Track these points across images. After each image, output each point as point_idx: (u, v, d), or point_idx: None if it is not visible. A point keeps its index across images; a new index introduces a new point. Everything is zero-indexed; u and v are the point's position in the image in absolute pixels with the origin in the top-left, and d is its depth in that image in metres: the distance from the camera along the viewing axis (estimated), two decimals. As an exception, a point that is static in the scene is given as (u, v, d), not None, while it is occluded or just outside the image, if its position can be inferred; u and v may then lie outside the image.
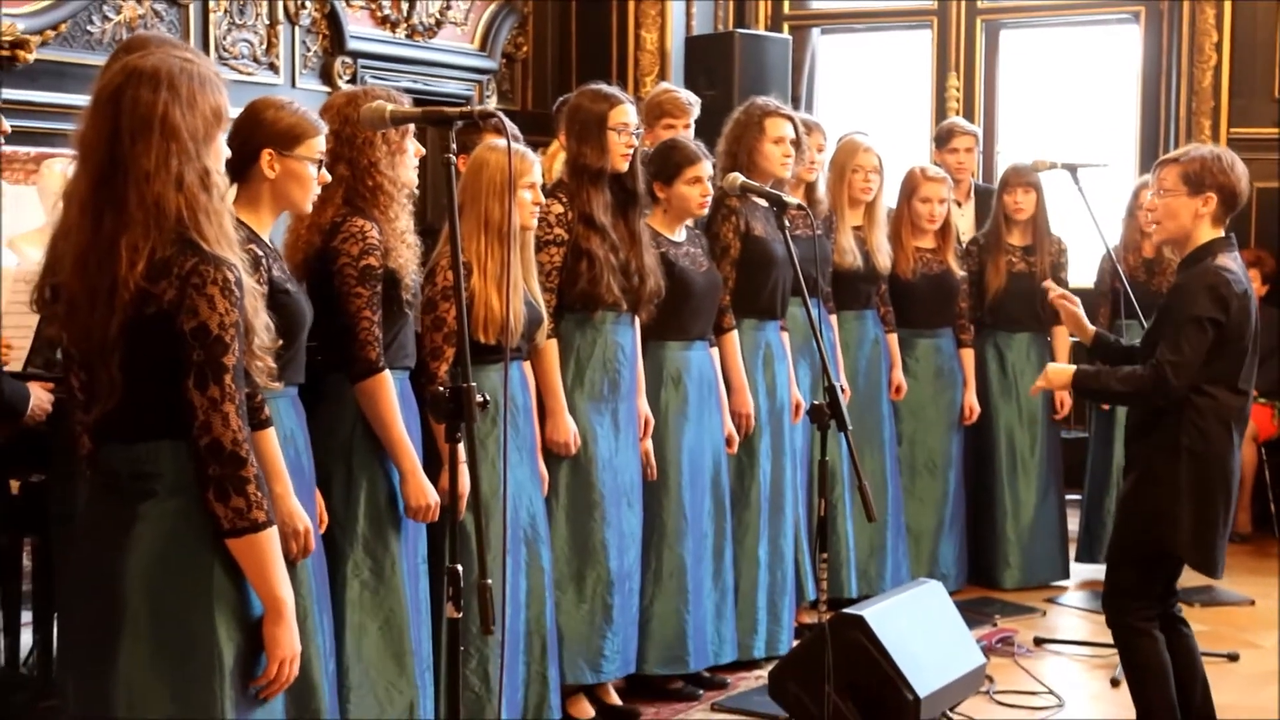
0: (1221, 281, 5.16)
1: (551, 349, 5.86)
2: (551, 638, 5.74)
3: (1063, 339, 8.50)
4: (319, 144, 4.36)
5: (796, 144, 6.88)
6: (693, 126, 7.07)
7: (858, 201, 7.68)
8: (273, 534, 3.38)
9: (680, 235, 6.46)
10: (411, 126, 4.79)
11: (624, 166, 6.07)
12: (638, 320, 6.21)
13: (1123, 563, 5.45)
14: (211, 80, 3.45)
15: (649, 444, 6.27)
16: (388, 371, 4.79)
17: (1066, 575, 8.53)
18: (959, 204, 8.66)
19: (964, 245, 8.39)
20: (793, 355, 7.17)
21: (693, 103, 7.22)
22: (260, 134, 4.26)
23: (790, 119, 6.90)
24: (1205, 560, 5.38)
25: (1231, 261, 5.26)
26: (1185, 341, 5.13)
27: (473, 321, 5.28)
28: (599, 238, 5.98)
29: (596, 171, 6.04)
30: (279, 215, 4.42)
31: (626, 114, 6.07)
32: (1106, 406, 8.47)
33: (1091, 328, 5.80)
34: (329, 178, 4.49)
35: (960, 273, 8.18)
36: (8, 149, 6.99)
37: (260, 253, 4.17)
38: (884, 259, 7.77)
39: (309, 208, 4.43)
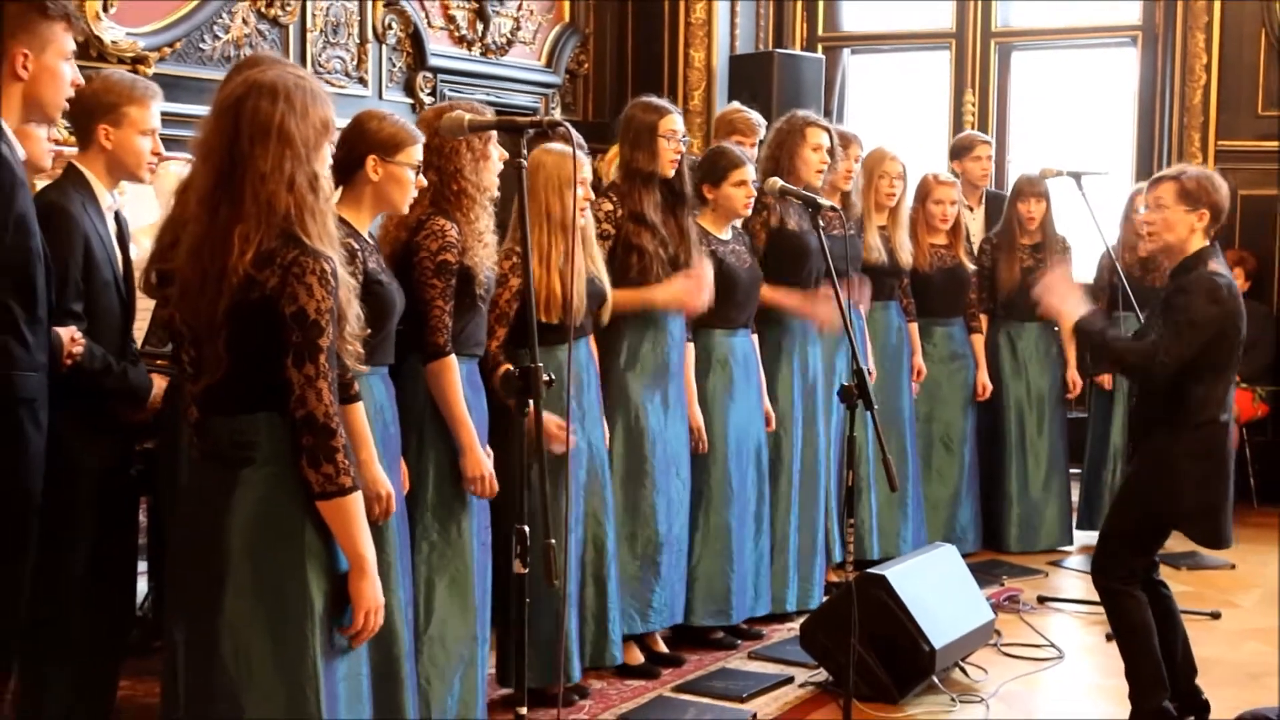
0: (1216, 286, 5.16)
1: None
2: (614, 592, 5.78)
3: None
4: (417, 152, 4.41)
5: (831, 153, 6.86)
6: (758, 146, 7.06)
7: (883, 205, 7.69)
8: (358, 498, 3.40)
9: (727, 234, 6.44)
10: (494, 135, 4.78)
11: (671, 171, 6.06)
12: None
13: (1119, 536, 5.41)
14: (321, 95, 3.48)
15: (699, 416, 6.27)
16: (453, 356, 4.77)
17: (1069, 541, 8.49)
18: (970, 208, 8.64)
19: (976, 244, 8.39)
20: (827, 341, 7.17)
21: (760, 123, 7.23)
22: (365, 142, 4.32)
23: (827, 130, 6.89)
24: (1212, 535, 5.39)
25: (1219, 265, 5.26)
26: (1183, 338, 5.11)
27: (535, 304, 5.28)
28: (649, 233, 5.98)
29: (647, 174, 6.03)
30: (377, 214, 4.46)
31: (675, 123, 6.08)
32: (1109, 386, 8.46)
33: (1075, 317, 5.64)
34: (424, 182, 4.52)
35: (971, 266, 8.20)
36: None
37: (357, 246, 4.21)
38: (906, 256, 7.79)
39: (406, 208, 4.48)
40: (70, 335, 4.37)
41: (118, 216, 4.80)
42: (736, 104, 8.19)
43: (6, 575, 4.12)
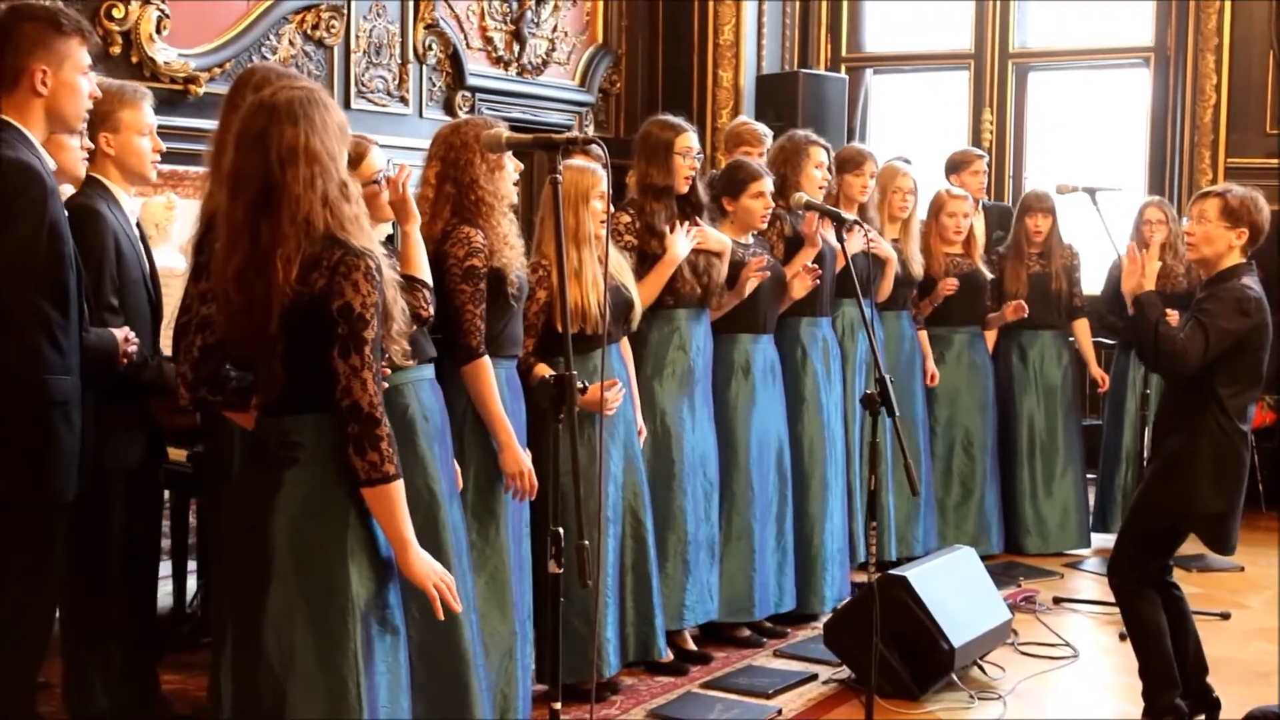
0: (1246, 298, 5.17)
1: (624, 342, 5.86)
2: (656, 588, 5.79)
3: (1084, 331, 8.48)
4: (373, 162, 4.33)
5: (830, 169, 6.92)
6: (765, 154, 7.07)
7: (896, 217, 7.71)
8: (400, 485, 3.40)
9: (748, 240, 6.45)
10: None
11: (686, 187, 6.07)
12: (708, 313, 6.22)
13: (1134, 537, 5.40)
14: (329, 102, 3.48)
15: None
16: (487, 357, 4.76)
17: (1086, 544, 8.43)
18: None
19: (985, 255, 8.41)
20: (847, 348, 7.19)
21: (766, 134, 7.27)
22: None
23: (826, 148, 6.93)
24: (1220, 539, 5.35)
25: (1253, 282, 5.26)
26: (1208, 341, 5.11)
27: (556, 313, 5.28)
28: (660, 244, 5.98)
29: (661, 189, 6.04)
30: (376, 228, 4.32)
31: (690, 141, 6.09)
32: (1105, 387, 8.44)
33: (1146, 289, 5.43)
34: (391, 172, 4.35)
35: (988, 274, 8.23)
36: (180, 168, 7.04)
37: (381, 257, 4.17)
38: (917, 267, 7.79)
39: (393, 213, 4.33)
40: (124, 335, 4.47)
41: (138, 223, 4.88)
42: (743, 117, 8.22)
43: (37, 570, 4.15)
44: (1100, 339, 8.74)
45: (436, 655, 4.25)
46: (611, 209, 5.49)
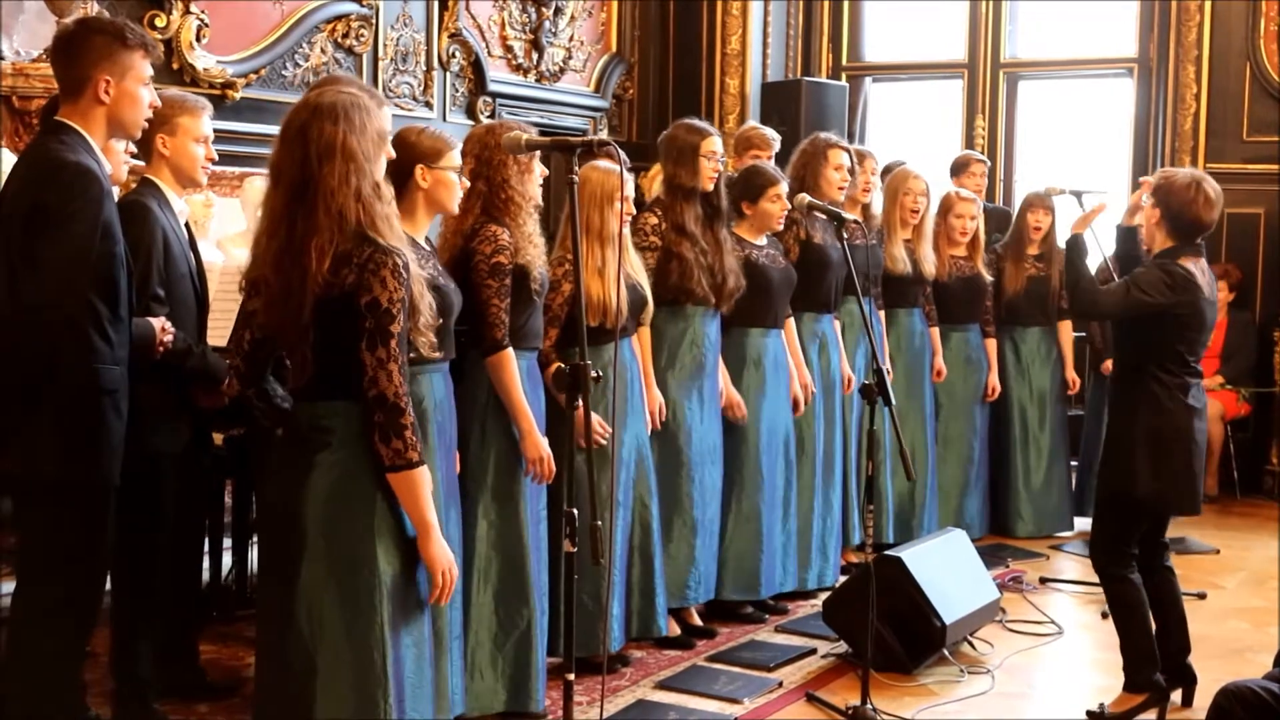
0: (1173, 272, 5.08)
1: (644, 335, 5.84)
2: (659, 569, 5.77)
3: (1066, 332, 8.46)
4: (456, 156, 4.39)
5: (851, 171, 6.84)
6: (774, 157, 7.04)
7: (907, 221, 7.65)
8: (424, 471, 3.42)
9: (762, 240, 6.42)
10: (537, 151, 4.78)
11: (710, 186, 6.04)
12: (720, 314, 6.18)
13: (1103, 518, 5.38)
14: (375, 109, 3.50)
15: (735, 394, 6.25)
16: (511, 349, 4.76)
17: (1069, 527, 8.41)
18: None
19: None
20: (850, 342, 7.16)
21: (775, 138, 7.23)
22: (410, 154, 4.26)
23: (847, 150, 6.86)
24: (1179, 504, 5.30)
25: (1194, 265, 5.14)
26: (1127, 299, 5.09)
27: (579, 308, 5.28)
28: (688, 243, 5.97)
29: (689, 190, 6.01)
30: (432, 219, 4.42)
31: (715, 144, 6.06)
32: (1073, 390, 8.46)
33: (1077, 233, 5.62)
34: (468, 184, 4.51)
35: (988, 276, 8.16)
36: (217, 169, 7.04)
37: (416, 255, 4.17)
38: (929, 267, 7.75)
39: (456, 208, 4.45)
40: (161, 325, 4.51)
41: (185, 223, 4.91)
42: (752, 122, 8.18)
43: (88, 549, 4.17)
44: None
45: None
46: (634, 210, 5.49)
